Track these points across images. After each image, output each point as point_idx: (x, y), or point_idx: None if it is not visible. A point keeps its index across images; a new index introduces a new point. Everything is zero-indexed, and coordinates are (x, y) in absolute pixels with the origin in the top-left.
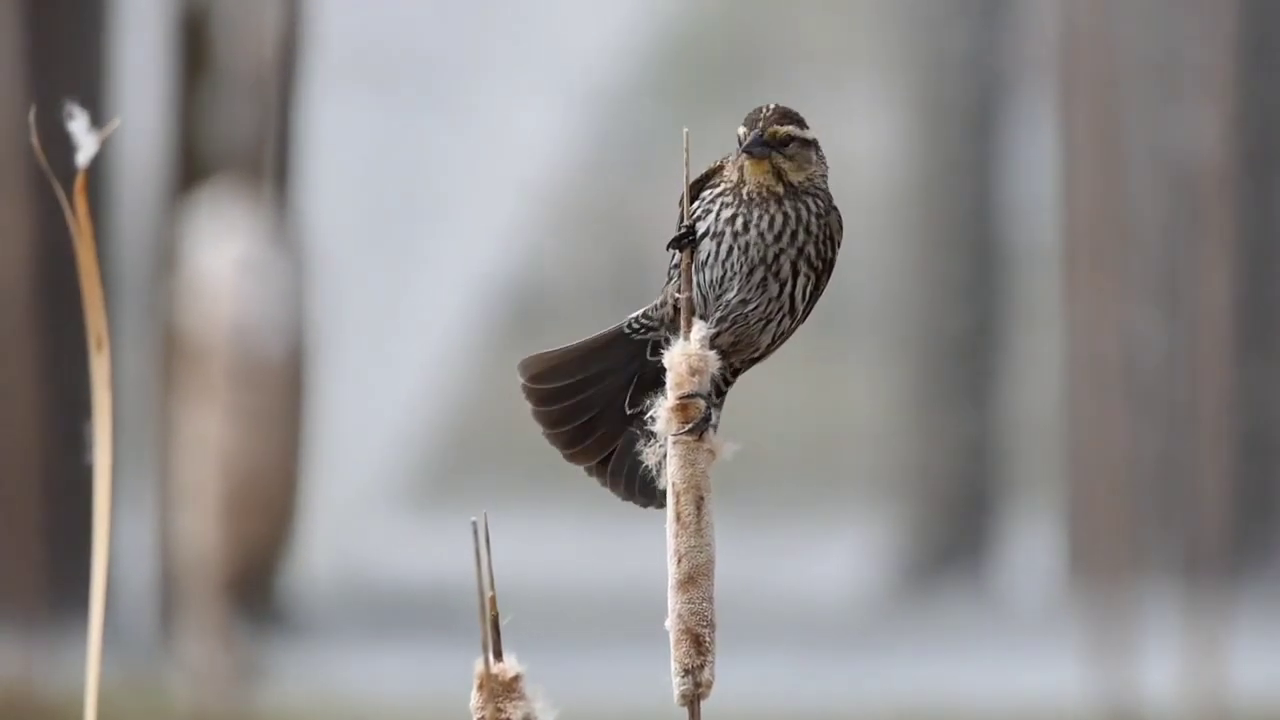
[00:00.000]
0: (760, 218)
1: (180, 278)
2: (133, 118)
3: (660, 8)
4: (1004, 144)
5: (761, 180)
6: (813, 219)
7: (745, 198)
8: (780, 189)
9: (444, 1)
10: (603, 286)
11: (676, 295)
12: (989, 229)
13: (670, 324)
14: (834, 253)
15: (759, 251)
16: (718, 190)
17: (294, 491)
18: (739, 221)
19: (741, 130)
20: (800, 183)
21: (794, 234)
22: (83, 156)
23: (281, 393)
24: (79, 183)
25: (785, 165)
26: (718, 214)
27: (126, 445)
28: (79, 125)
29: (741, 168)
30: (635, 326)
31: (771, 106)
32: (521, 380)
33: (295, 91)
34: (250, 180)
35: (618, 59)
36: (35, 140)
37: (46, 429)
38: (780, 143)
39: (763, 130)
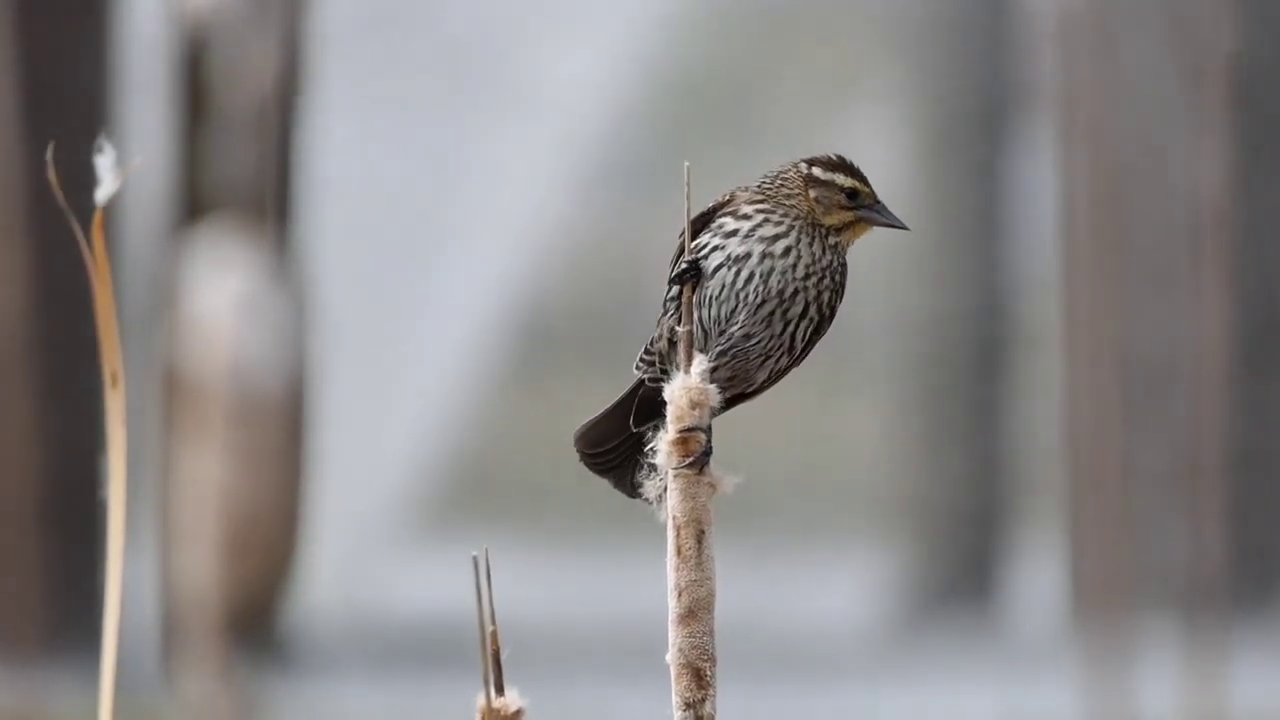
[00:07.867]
0: (813, 260)
1: (179, 315)
2: (132, 155)
3: (656, 40)
4: (1006, 173)
5: (850, 243)
6: (835, 273)
7: (812, 236)
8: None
9: (441, 44)
10: (605, 321)
11: (676, 328)
12: (992, 257)
13: (666, 357)
14: (839, 303)
15: (779, 283)
16: (761, 210)
17: (294, 528)
18: (791, 254)
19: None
20: None
21: (819, 279)
22: (102, 193)
23: (281, 430)
24: (97, 220)
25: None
26: (746, 235)
27: (125, 482)
28: (105, 161)
29: (817, 204)
30: (640, 364)
31: (846, 158)
32: (579, 451)
33: (296, 128)
34: (250, 217)
35: (615, 92)
36: (53, 178)
37: (43, 464)
38: None
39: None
